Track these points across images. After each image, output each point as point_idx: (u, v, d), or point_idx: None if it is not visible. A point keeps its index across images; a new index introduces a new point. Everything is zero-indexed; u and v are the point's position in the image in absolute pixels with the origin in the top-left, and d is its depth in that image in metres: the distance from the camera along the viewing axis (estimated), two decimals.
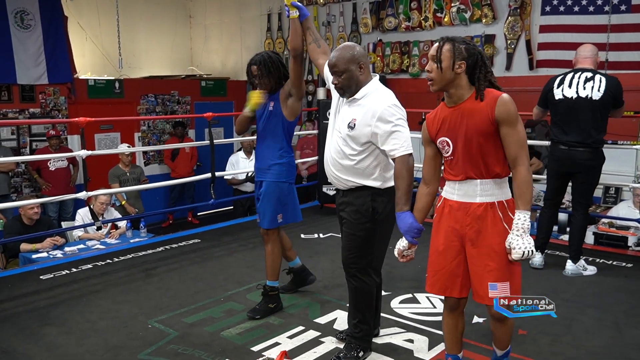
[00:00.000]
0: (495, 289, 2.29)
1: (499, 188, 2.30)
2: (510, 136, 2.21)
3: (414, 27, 8.10)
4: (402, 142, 2.58)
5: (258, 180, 3.47)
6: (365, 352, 2.87)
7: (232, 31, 10.66)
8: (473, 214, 2.30)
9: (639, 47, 6.39)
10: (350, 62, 2.66)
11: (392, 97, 2.70)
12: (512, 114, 2.20)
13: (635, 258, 4.57)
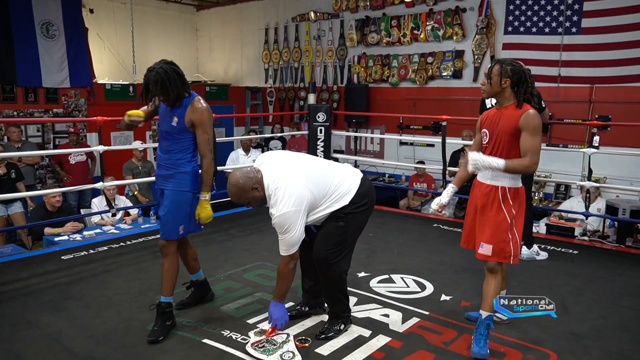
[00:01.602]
0: (482, 248, 2.67)
1: (507, 177, 2.62)
2: (525, 140, 2.56)
3: (393, 42, 8.12)
4: (288, 247, 2.58)
5: (160, 188, 2.90)
6: (346, 325, 2.89)
7: (234, 43, 10.62)
8: (483, 191, 2.68)
9: (587, 65, 6.45)
10: (245, 192, 2.57)
11: (287, 203, 2.52)
12: (530, 124, 2.54)
13: (581, 246, 4.63)
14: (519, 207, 2.66)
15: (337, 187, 2.70)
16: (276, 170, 2.61)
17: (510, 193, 2.62)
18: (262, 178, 2.60)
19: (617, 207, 4.86)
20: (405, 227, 5.19)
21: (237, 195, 2.59)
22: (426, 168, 7.06)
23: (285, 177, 2.58)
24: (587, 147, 4.73)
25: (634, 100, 6.18)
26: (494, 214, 2.63)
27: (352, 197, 2.70)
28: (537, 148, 2.56)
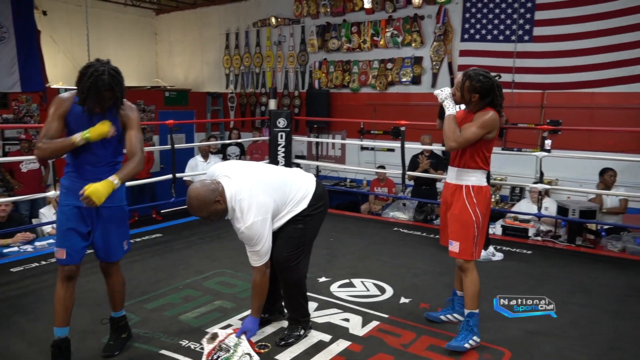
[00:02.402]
0: (451, 245, 2.76)
1: (471, 177, 2.73)
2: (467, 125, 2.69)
3: (354, 48, 8.21)
4: (260, 257, 2.58)
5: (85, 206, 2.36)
6: (306, 330, 2.88)
7: (194, 47, 10.50)
8: (450, 190, 2.81)
9: (538, 71, 6.70)
10: (207, 205, 2.47)
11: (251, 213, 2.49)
12: (481, 118, 2.65)
13: (534, 246, 4.78)
14: (484, 207, 2.73)
15: (296, 191, 2.72)
16: (237, 182, 2.56)
17: (474, 191, 2.72)
18: (223, 190, 2.51)
19: (568, 207, 5.05)
20: (366, 232, 5.24)
21: (198, 208, 2.48)
22: (387, 172, 7.15)
23: (247, 187, 2.54)
24: (539, 151, 4.89)
25: (583, 106, 6.46)
26: (459, 212, 2.73)
27: (309, 199, 2.73)
28: (469, 135, 2.65)
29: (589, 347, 2.80)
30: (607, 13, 6.23)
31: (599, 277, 3.92)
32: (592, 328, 3.03)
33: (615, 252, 4.83)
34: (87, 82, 2.37)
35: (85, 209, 2.47)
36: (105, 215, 2.55)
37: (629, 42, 6.11)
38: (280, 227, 2.74)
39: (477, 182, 2.74)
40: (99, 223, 2.55)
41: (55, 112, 2.46)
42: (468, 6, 7.10)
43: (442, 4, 7.24)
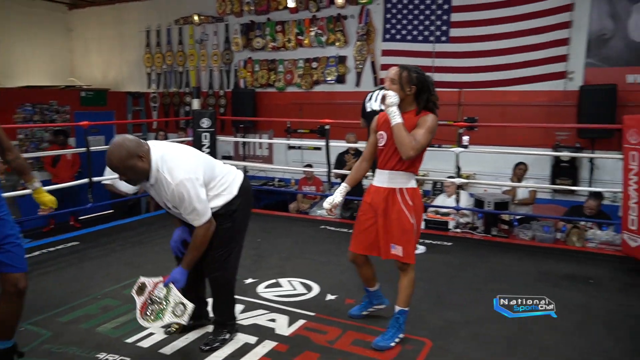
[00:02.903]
0: (394, 249, 2.71)
1: (403, 179, 2.71)
2: (417, 131, 2.59)
3: (279, 47, 8.19)
4: (200, 215, 2.48)
5: None
6: (232, 334, 2.84)
7: (112, 45, 10.02)
8: (382, 195, 2.73)
9: (456, 71, 7.02)
10: (128, 159, 2.33)
11: (180, 171, 2.41)
12: (427, 122, 2.60)
13: (454, 238, 5.00)
14: (420, 208, 2.76)
15: (225, 175, 2.67)
16: (164, 148, 2.48)
17: (409, 193, 2.71)
18: (149, 150, 2.40)
19: (483, 200, 5.33)
20: (293, 230, 5.25)
21: (118, 157, 2.31)
22: (314, 171, 7.20)
23: (175, 151, 2.49)
24: (457, 147, 5.12)
25: (497, 103, 6.85)
26: (396, 216, 2.69)
27: (238, 187, 2.68)
28: (423, 141, 2.58)
29: (503, 331, 2.97)
30: (517, 16, 6.65)
31: (512, 264, 4.18)
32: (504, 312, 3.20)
33: (526, 240, 5.17)
34: None
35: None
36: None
37: (535, 44, 6.56)
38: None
39: (409, 184, 2.73)
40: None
41: None
42: (389, 7, 7.31)
43: (364, 4, 7.40)
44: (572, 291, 3.55)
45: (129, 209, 6.67)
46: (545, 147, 6.48)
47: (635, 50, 6.07)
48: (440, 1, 7.00)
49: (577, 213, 5.62)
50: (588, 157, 6.20)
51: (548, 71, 6.54)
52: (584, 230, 5.18)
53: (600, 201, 5.51)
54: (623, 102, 5.99)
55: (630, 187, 3.89)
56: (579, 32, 6.32)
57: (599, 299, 3.44)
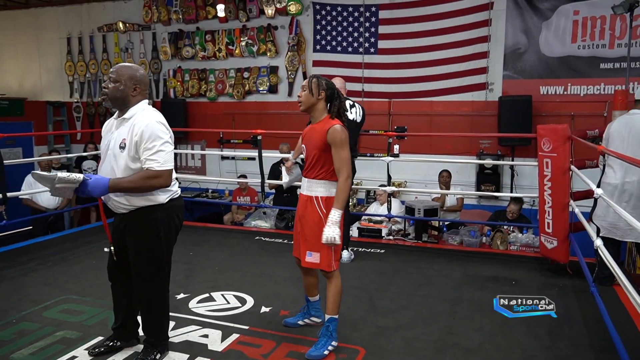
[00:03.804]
0: (310, 256, 2.80)
1: (321, 188, 2.79)
2: (336, 154, 2.73)
3: (209, 56, 8.09)
4: (161, 161, 2.45)
5: None
6: (163, 354, 2.74)
7: (29, 51, 9.47)
8: (302, 202, 2.87)
9: (384, 81, 7.24)
10: (130, 79, 2.50)
11: (159, 117, 2.54)
12: (337, 139, 2.70)
13: (387, 245, 5.13)
14: None
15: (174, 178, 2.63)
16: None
17: (324, 201, 2.77)
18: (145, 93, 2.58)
19: (414, 207, 5.51)
20: (227, 242, 5.17)
21: (123, 71, 2.50)
22: (248, 182, 7.15)
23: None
24: (387, 156, 5.28)
25: (425, 113, 7.13)
26: (314, 224, 2.77)
27: (178, 192, 2.69)
28: (347, 160, 2.72)
29: (432, 334, 3.08)
30: (441, 29, 6.97)
31: (442, 269, 4.34)
32: (435, 317, 3.33)
33: (455, 245, 5.40)
34: None
35: None
36: None
37: (458, 57, 6.91)
38: (136, 243, 2.59)
39: (327, 192, 2.79)
40: None
41: None
42: (318, 18, 7.43)
43: (294, 15, 7.48)
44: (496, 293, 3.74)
45: (50, 225, 6.30)
46: (470, 155, 6.83)
47: (546, 63, 6.55)
48: (368, 14, 7.21)
49: (500, 218, 5.95)
50: (509, 164, 6.59)
51: (471, 82, 6.91)
52: (506, 234, 5.48)
53: (521, 205, 5.87)
54: (538, 112, 6.44)
55: (545, 192, 4.16)
56: (496, 46, 6.73)
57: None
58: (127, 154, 2.46)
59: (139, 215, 2.55)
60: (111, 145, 2.53)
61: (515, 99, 6.47)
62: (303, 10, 7.46)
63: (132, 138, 2.45)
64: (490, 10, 6.69)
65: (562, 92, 6.51)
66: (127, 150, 2.46)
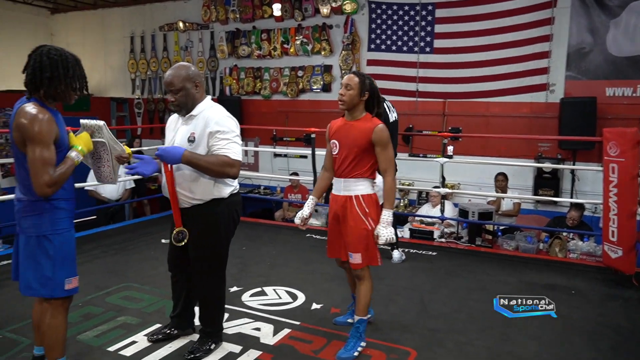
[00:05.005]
0: (352, 257, 2.74)
1: (359, 186, 2.74)
2: (381, 154, 2.70)
3: (264, 55, 8.21)
4: (232, 152, 2.52)
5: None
6: (217, 344, 2.82)
7: (96, 50, 9.93)
8: (340, 203, 2.77)
9: (439, 81, 7.11)
10: (186, 80, 2.54)
11: (225, 111, 2.63)
12: (383, 139, 2.68)
13: (439, 247, 5.04)
14: (377, 212, 2.76)
15: None
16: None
17: (365, 200, 2.74)
18: (204, 86, 2.63)
19: (468, 210, 5.39)
20: (278, 239, 5.24)
21: (178, 75, 2.53)
22: (300, 179, 7.21)
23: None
24: (442, 157, 5.19)
25: (480, 114, 6.95)
26: (355, 224, 2.72)
27: (238, 187, 2.76)
28: (393, 159, 2.75)
29: (485, 340, 3.00)
30: (500, 28, 6.77)
31: (496, 274, 4.22)
32: (489, 322, 3.25)
33: (510, 250, 5.24)
34: (72, 67, 2.24)
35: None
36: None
37: (517, 56, 6.68)
38: (197, 237, 2.67)
39: (365, 190, 2.75)
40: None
41: (50, 133, 2.13)
42: (374, 17, 7.39)
43: (350, 14, 7.47)
44: (555, 302, 3.60)
45: (112, 215, 6.59)
46: (528, 158, 6.60)
47: (613, 63, 6.23)
48: (424, 12, 7.11)
49: (559, 224, 5.72)
50: (569, 169, 6.32)
51: (530, 83, 6.67)
52: (565, 241, 5.27)
53: (582, 212, 5.61)
54: (603, 115, 6.13)
55: (610, 199, 3.97)
56: (559, 46, 6.47)
57: (580, 309, 3.50)
58: (195, 147, 2.53)
59: (201, 210, 2.63)
60: (177, 139, 2.61)
61: (578, 101, 6.19)
62: (358, 9, 7.44)
63: (203, 131, 2.52)
64: (554, 8, 6.43)
65: (631, 94, 6.17)
66: (196, 143, 2.54)
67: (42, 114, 2.13)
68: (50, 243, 2.21)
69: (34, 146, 2.08)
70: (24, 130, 2.09)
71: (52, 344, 2.29)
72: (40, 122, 2.10)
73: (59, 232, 2.24)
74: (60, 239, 2.24)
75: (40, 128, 2.09)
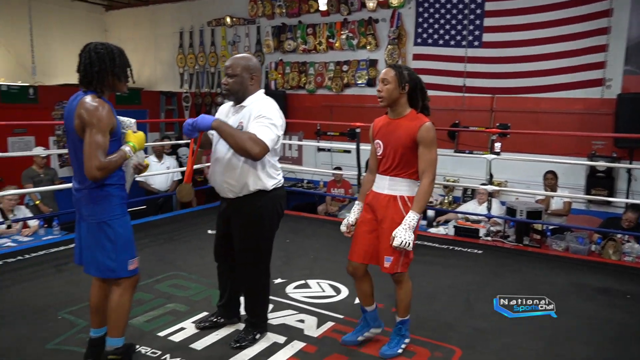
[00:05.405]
0: (388, 261, 2.58)
1: (405, 186, 2.59)
2: (424, 155, 2.53)
3: (310, 50, 8.24)
4: (265, 135, 2.50)
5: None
6: (262, 334, 2.87)
7: (147, 45, 10.24)
8: (382, 203, 2.61)
9: (488, 76, 6.93)
10: (244, 69, 2.62)
11: (275, 105, 2.66)
12: (428, 138, 2.51)
13: (485, 246, 4.93)
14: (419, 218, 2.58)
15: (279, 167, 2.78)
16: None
17: (410, 202, 2.57)
18: (260, 81, 2.69)
19: (516, 208, 5.24)
20: (321, 232, 5.27)
21: (239, 63, 2.61)
22: (343, 174, 7.21)
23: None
24: (489, 153, 5.06)
25: (530, 110, 6.74)
26: (396, 225, 2.51)
27: (282, 181, 2.78)
28: (434, 162, 2.54)
29: (533, 343, 2.92)
30: (553, 21, 6.52)
31: (544, 275, 4.10)
32: (537, 325, 3.16)
33: (559, 251, 5.06)
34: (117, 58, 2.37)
35: None
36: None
37: (571, 50, 6.43)
38: (241, 229, 2.72)
39: (411, 191, 2.59)
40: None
41: (108, 122, 2.26)
42: (421, 11, 7.27)
43: (396, 8, 7.38)
44: (609, 306, 3.47)
45: (160, 206, 6.80)
46: (580, 156, 6.34)
47: None
48: (473, 6, 6.93)
49: (613, 225, 5.48)
50: (625, 168, 6.03)
51: (584, 78, 6.40)
52: (620, 243, 5.04)
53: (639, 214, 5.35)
54: None
55: None
56: (617, 39, 6.17)
57: (637, 315, 3.35)
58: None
59: (245, 202, 2.67)
60: None
61: (637, 97, 5.90)
62: (405, 3, 7.34)
63: (249, 119, 2.57)
64: (612, 0, 6.14)
65: None
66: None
67: (102, 105, 2.27)
68: (110, 228, 2.34)
69: (91, 130, 2.20)
70: (86, 116, 2.22)
71: (117, 322, 2.43)
72: (101, 111, 2.23)
73: (117, 218, 2.37)
74: (118, 223, 2.37)
75: (100, 115, 2.22)
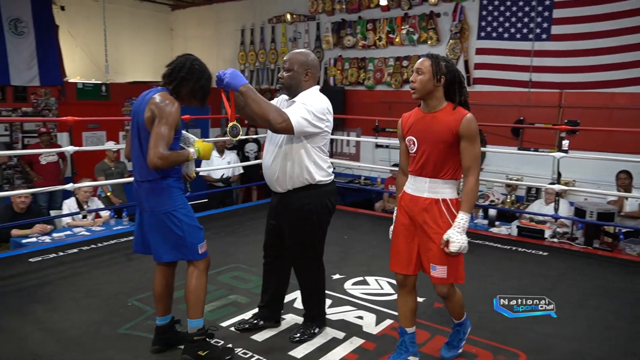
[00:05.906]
0: (435, 270, 2.36)
1: (448, 188, 2.37)
2: (467, 150, 2.30)
3: (369, 45, 8.17)
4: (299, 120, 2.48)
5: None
6: (321, 328, 2.89)
7: (210, 43, 10.52)
8: (421, 206, 2.38)
9: (556, 70, 6.60)
10: (301, 65, 2.62)
11: (326, 100, 2.63)
12: (472, 131, 2.28)
13: (550, 247, 4.72)
14: None
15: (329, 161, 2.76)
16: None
17: (454, 204, 2.36)
18: (316, 78, 2.68)
19: (585, 209, 4.97)
20: (379, 229, 5.22)
21: (297, 58, 2.63)
22: None
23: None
24: (557, 151, 4.83)
25: (600, 106, 6.36)
26: (442, 232, 2.31)
27: (332, 176, 2.76)
28: (479, 158, 2.34)
29: (604, 350, 2.77)
30: (626, 12, 6.12)
31: (617, 281, 3.87)
32: (608, 332, 2.99)
33: (634, 256, 4.75)
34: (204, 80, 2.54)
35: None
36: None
37: None
38: (291, 225, 2.73)
39: (454, 193, 2.38)
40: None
41: (176, 119, 2.39)
42: (485, 4, 7.03)
43: (459, 1, 7.18)
44: None
45: (222, 199, 6.99)
46: None
47: None
48: None
49: None
50: None
51: None
52: None
53: None
54: None
55: None
56: None
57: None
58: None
59: (294, 196, 2.68)
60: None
61: None
62: None
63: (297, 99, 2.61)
64: None
65: None
66: None
67: (173, 102, 2.41)
68: (175, 217, 2.47)
69: (160, 122, 2.33)
70: (157, 109, 2.35)
71: (196, 303, 2.55)
72: (171, 107, 2.37)
73: (180, 207, 2.50)
74: (183, 212, 2.50)
75: (170, 110, 2.35)
